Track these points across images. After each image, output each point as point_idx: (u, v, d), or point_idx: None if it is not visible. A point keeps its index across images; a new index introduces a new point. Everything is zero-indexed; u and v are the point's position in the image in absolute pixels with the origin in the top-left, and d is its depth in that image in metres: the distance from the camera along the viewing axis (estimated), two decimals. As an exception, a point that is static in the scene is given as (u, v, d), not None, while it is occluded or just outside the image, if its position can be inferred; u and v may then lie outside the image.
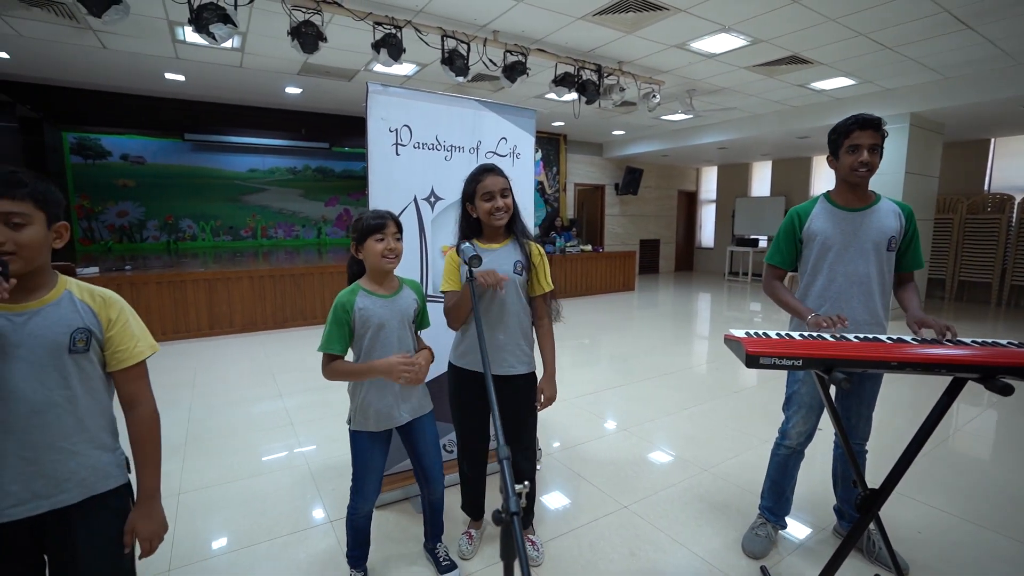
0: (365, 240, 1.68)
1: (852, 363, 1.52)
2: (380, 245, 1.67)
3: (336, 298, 1.70)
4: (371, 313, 1.69)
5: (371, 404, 1.73)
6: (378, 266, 1.69)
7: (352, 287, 1.74)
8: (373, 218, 1.69)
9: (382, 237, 1.67)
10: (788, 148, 9.94)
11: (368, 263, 1.71)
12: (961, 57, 5.28)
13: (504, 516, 0.88)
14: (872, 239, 1.92)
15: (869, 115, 1.89)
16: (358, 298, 1.69)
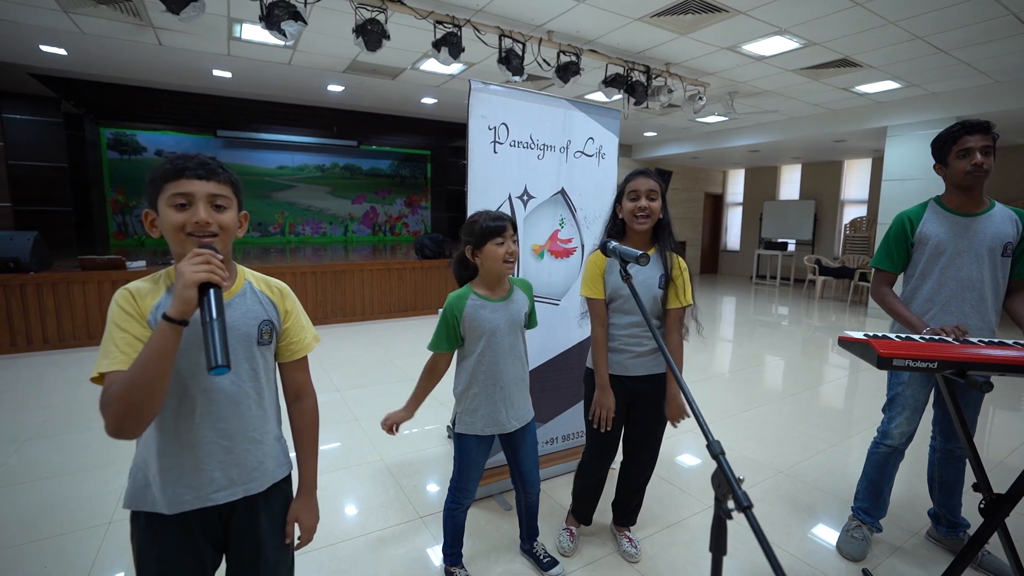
0: (485, 244, 1.65)
1: (987, 366, 1.51)
2: (501, 249, 1.64)
3: (447, 300, 1.70)
4: (482, 320, 1.68)
5: (479, 409, 1.73)
6: (498, 271, 1.67)
7: (463, 291, 1.71)
8: (491, 220, 1.65)
9: (502, 241, 1.65)
10: (821, 151, 9.86)
11: (486, 267, 1.68)
12: (1017, 60, 5.22)
13: (734, 511, 0.88)
14: (987, 244, 1.91)
15: (975, 119, 1.89)
16: (468, 304, 1.68)
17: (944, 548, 2.13)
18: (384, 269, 6.64)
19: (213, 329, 0.85)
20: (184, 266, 0.88)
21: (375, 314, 6.62)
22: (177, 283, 0.87)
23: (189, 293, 0.86)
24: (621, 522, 2.15)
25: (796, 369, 4.90)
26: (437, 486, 2.60)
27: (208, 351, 0.84)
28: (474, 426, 1.75)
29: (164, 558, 1.02)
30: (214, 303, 0.87)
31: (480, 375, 1.71)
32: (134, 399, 0.85)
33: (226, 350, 0.85)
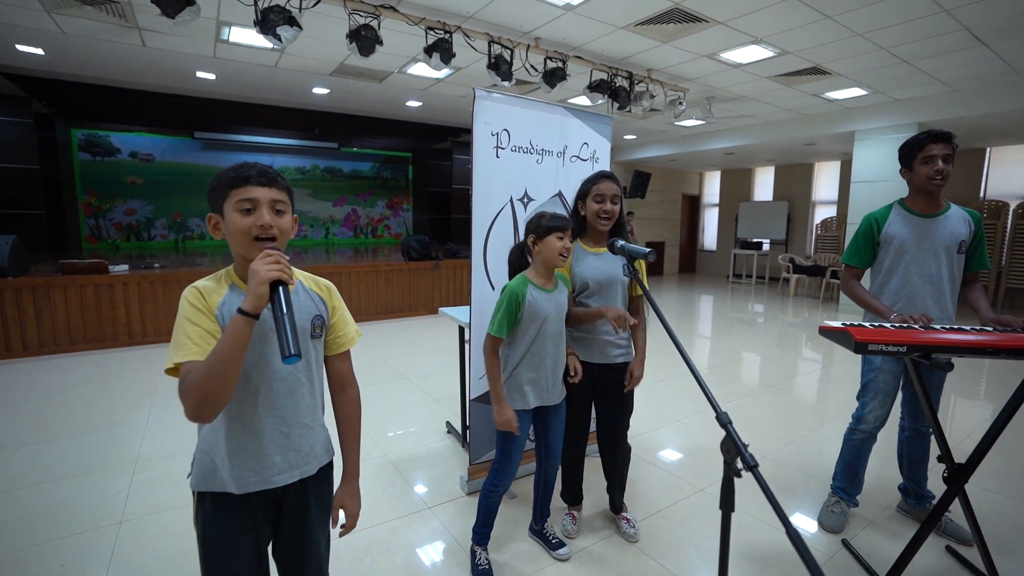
0: (548, 235, 1.80)
1: (950, 349, 1.69)
2: (560, 243, 1.81)
3: (508, 287, 1.84)
4: (540, 307, 1.83)
5: (527, 386, 1.87)
6: (553, 262, 1.83)
7: (521, 279, 1.86)
8: (556, 218, 1.83)
9: (562, 236, 1.81)
10: (793, 154, 10.25)
11: (544, 256, 1.84)
12: (972, 71, 5.57)
13: (743, 469, 1.01)
14: (945, 243, 2.11)
15: (940, 130, 2.08)
16: (529, 290, 1.83)
17: (913, 519, 2.33)
18: (371, 271, 6.68)
19: (285, 322, 0.95)
20: (258, 265, 0.97)
21: (364, 316, 6.66)
22: (251, 281, 0.96)
23: (263, 290, 0.95)
24: (614, 508, 2.29)
25: (773, 363, 5.13)
26: (442, 478, 2.70)
27: (282, 342, 0.93)
28: (521, 401, 1.87)
29: (229, 535, 1.11)
30: (284, 299, 0.97)
31: (531, 356, 1.86)
32: (212, 386, 0.94)
33: (297, 341, 0.95)
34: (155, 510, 2.36)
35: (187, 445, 3.02)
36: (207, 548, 1.11)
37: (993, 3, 3.91)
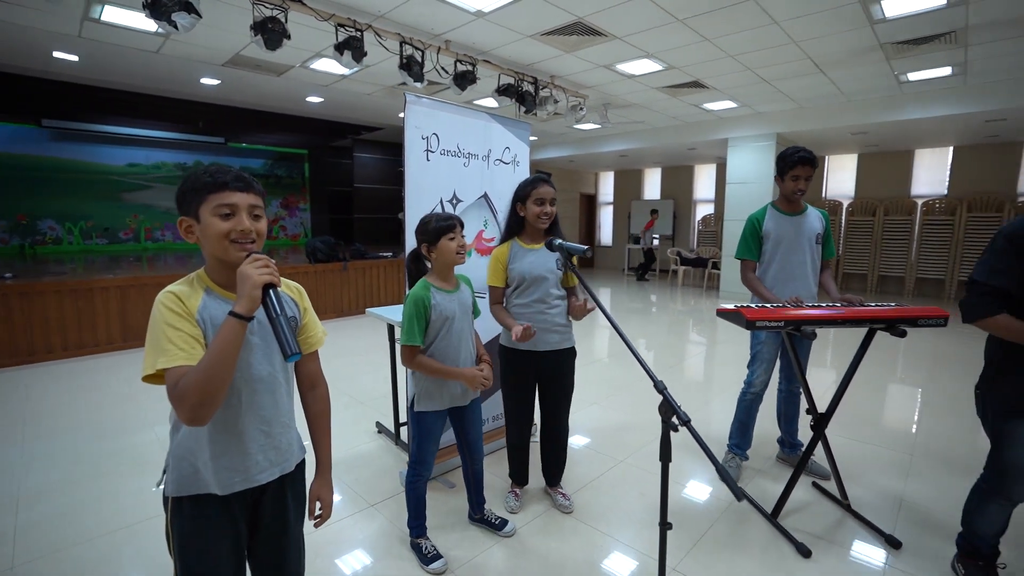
0: (439, 240, 1.87)
1: (815, 322, 2.11)
2: (453, 243, 1.89)
3: (410, 295, 1.89)
4: (444, 307, 1.90)
5: (440, 387, 1.95)
6: (452, 261, 1.91)
7: (423, 283, 1.91)
8: (442, 219, 1.89)
9: (453, 236, 1.89)
10: (677, 157, 11.32)
11: (442, 260, 1.91)
12: (813, 92, 6.61)
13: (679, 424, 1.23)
14: (807, 236, 2.58)
15: (809, 154, 2.51)
16: (432, 294, 1.89)
17: (788, 465, 2.81)
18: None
19: (282, 323, 0.99)
20: (248, 270, 1.00)
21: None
22: (243, 284, 0.99)
23: (256, 293, 0.99)
24: (552, 483, 2.50)
25: (666, 346, 5.72)
26: (380, 476, 2.73)
27: (283, 342, 0.98)
28: (435, 403, 1.96)
29: (208, 537, 1.12)
30: (276, 301, 1.01)
31: (442, 357, 1.92)
32: (210, 388, 0.96)
33: (295, 340, 1.00)
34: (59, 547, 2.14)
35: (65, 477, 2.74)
36: (185, 553, 1.11)
37: (828, 39, 4.71)
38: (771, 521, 2.30)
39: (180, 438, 1.11)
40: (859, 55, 5.16)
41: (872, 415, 3.62)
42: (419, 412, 1.97)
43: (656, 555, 2.08)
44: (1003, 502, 1.79)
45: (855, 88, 6.40)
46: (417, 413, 1.97)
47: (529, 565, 2.03)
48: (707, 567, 2.01)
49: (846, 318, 2.13)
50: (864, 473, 2.75)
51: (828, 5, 4.01)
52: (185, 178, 1.10)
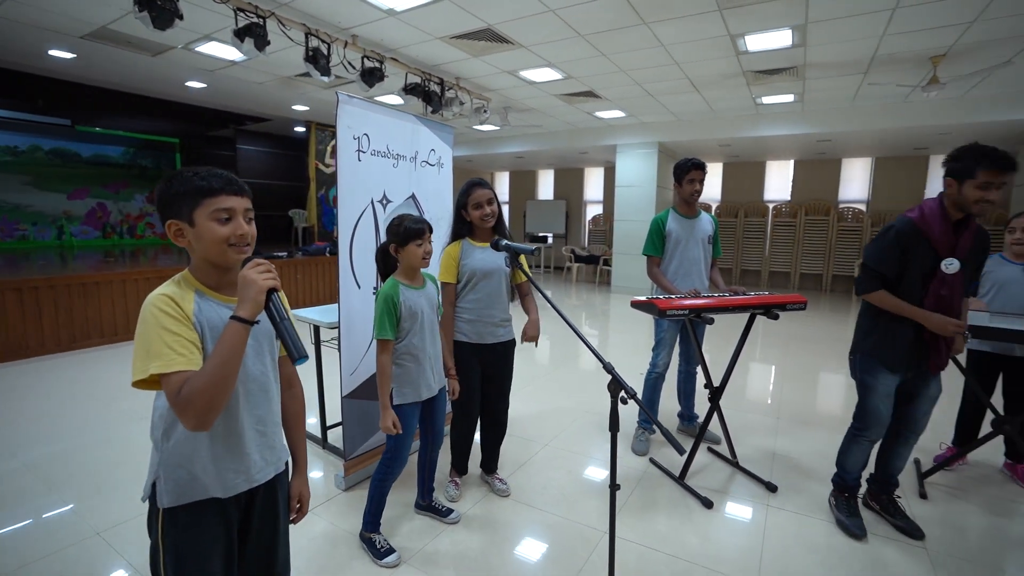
0: (407, 244, 1.95)
1: (712, 310, 2.49)
2: (420, 249, 1.97)
3: (381, 291, 1.95)
4: (414, 303, 1.99)
5: (414, 379, 2.02)
6: (417, 266, 2.00)
7: (392, 282, 1.98)
8: (414, 223, 1.97)
9: (421, 242, 1.97)
10: (569, 160, 11.99)
11: (407, 263, 1.98)
12: (689, 108, 7.46)
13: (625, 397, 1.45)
14: (701, 236, 3.00)
15: (700, 161, 2.93)
16: (401, 291, 1.97)
17: (689, 435, 3.24)
18: (156, 278, 5.70)
19: (287, 327, 1.03)
20: (252, 275, 1.01)
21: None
22: (248, 289, 1.00)
23: (261, 298, 1.01)
24: (489, 469, 2.65)
25: (564, 341, 6.13)
26: (314, 481, 2.67)
27: (290, 346, 1.01)
28: (411, 395, 2.02)
29: (203, 544, 1.10)
30: (279, 306, 1.04)
31: (412, 350, 2.00)
32: (218, 393, 0.97)
33: (300, 343, 1.03)
34: None
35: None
36: (182, 566, 1.09)
37: (704, 63, 5.38)
38: (678, 482, 2.66)
39: (173, 446, 1.08)
40: (727, 79, 5.95)
41: (745, 387, 4.26)
42: (396, 405, 2.01)
43: (591, 523, 2.34)
44: (865, 442, 2.28)
45: (723, 106, 7.34)
46: (394, 407, 2.01)
47: (478, 547, 2.16)
48: (631, 527, 2.29)
49: (735, 305, 2.55)
50: (746, 436, 3.26)
51: (706, 36, 4.60)
52: (169, 180, 1.07)
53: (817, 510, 2.43)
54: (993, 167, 1.88)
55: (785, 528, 2.31)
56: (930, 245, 2.03)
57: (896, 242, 2.06)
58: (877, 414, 2.21)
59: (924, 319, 2.04)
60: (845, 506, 2.34)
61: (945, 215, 2.03)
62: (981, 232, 2.07)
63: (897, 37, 4.55)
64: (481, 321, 2.34)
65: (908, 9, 3.97)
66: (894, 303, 2.09)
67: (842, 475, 2.39)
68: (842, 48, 4.87)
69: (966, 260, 2.03)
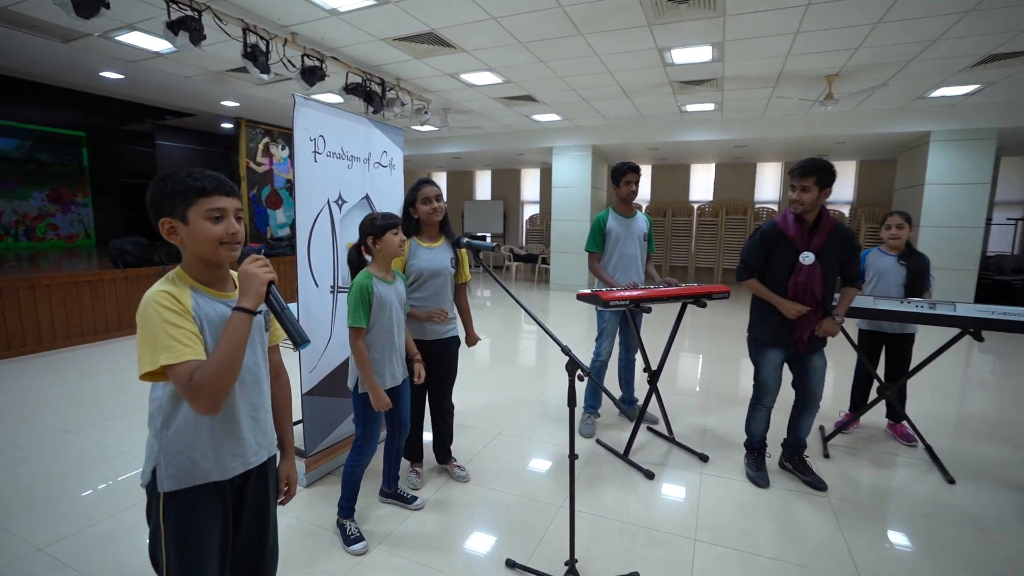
0: (385, 233, 2.06)
1: (650, 300, 2.76)
2: (396, 238, 2.09)
3: (356, 282, 2.04)
4: (385, 296, 2.09)
5: (382, 369, 2.12)
6: (394, 254, 2.11)
7: (365, 274, 2.07)
8: (387, 217, 2.09)
9: (396, 231, 2.09)
10: (506, 161, 12.22)
11: (385, 252, 2.09)
12: (621, 113, 7.90)
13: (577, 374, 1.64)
14: (637, 234, 3.28)
15: (635, 164, 3.20)
16: (374, 283, 2.06)
17: (628, 417, 3.52)
18: (71, 283, 5.29)
19: (288, 315, 1.12)
20: (253, 269, 1.10)
21: (63, 340, 5.22)
22: (250, 282, 1.09)
23: (263, 290, 1.10)
24: (444, 458, 2.77)
25: (509, 335, 6.34)
26: (271, 480, 2.68)
27: (293, 333, 1.12)
28: (381, 383, 2.10)
29: (202, 527, 1.17)
30: (279, 296, 1.13)
31: (381, 341, 2.09)
32: (228, 377, 1.06)
33: (302, 328, 1.13)
34: None
35: None
36: (183, 547, 1.15)
37: (635, 73, 5.76)
38: (623, 458, 2.92)
39: (173, 434, 1.14)
40: (655, 88, 6.39)
41: (678, 372, 4.65)
42: (364, 392, 2.08)
43: (546, 499, 2.54)
44: (763, 409, 2.67)
45: (651, 113, 7.84)
46: (362, 394, 2.08)
47: (444, 529, 2.29)
48: (583, 500, 2.51)
49: (669, 295, 2.84)
50: (680, 414, 3.59)
51: (636, 47, 4.96)
52: (161, 180, 1.13)
53: (741, 474, 2.77)
54: (791, 174, 2.44)
55: (716, 491, 2.61)
56: (790, 242, 2.46)
57: (761, 240, 2.52)
58: (767, 385, 2.63)
59: (778, 304, 2.48)
60: (753, 463, 2.75)
61: (800, 217, 2.47)
62: (838, 230, 2.49)
63: (799, 57, 5.12)
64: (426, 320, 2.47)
65: (807, 34, 4.51)
66: (758, 288, 2.56)
67: (749, 439, 2.78)
68: (754, 65, 5.41)
69: (822, 253, 2.45)
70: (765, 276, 2.55)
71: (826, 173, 2.38)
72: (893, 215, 3.14)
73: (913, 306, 2.75)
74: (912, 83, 5.97)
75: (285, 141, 9.14)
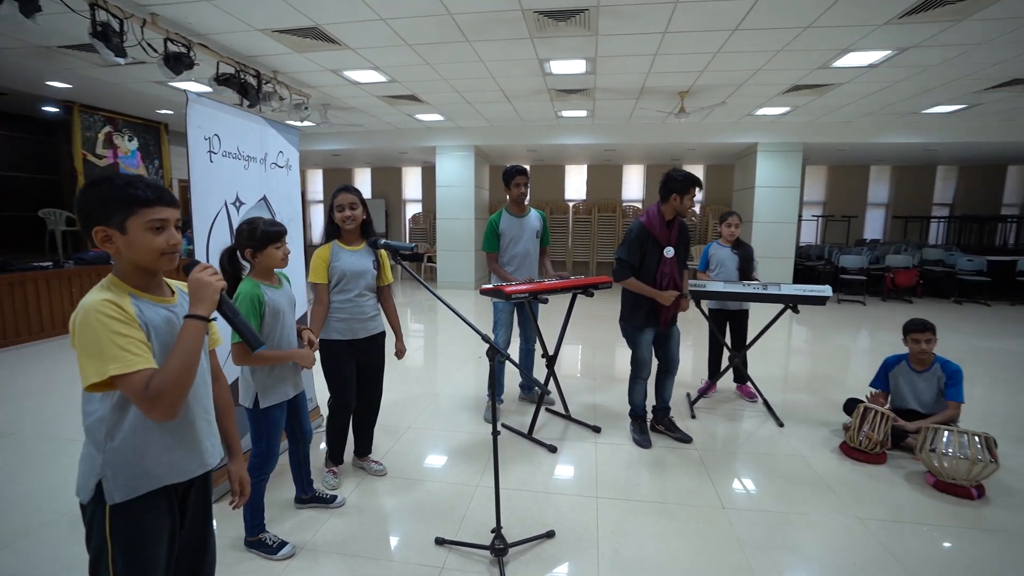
0: (266, 247, 2.00)
1: (546, 292, 3.07)
2: (279, 252, 2.05)
3: (243, 292, 1.96)
4: (277, 303, 2.05)
5: (280, 379, 2.09)
6: (276, 267, 2.07)
7: (251, 283, 2.00)
8: (269, 227, 2.02)
9: (279, 245, 2.04)
10: (387, 159, 12.03)
11: (265, 265, 2.03)
12: (502, 116, 8.27)
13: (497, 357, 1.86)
14: (529, 232, 3.56)
15: (523, 168, 3.49)
16: (263, 290, 2.00)
17: (529, 401, 3.83)
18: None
19: (242, 320, 1.18)
20: (205, 277, 1.13)
21: None
22: (203, 291, 1.13)
23: (216, 297, 1.14)
24: (363, 453, 2.82)
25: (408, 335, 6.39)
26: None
27: (248, 337, 1.17)
28: (278, 395, 2.09)
29: (152, 535, 1.16)
30: (232, 303, 1.18)
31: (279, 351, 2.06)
32: (186, 384, 1.08)
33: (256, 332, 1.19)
34: None
35: None
36: (131, 554, 1.14)
37: (516, 79, 6.11)
38: (527, 437, 3.20)
39: (119, 444, 1.12)
40: (535, 94, 6.82)
41: (568, 357, 5.09)
42: (266, 408, 2.05)
43: (464, 481, 2.72)
44: (641, 381, 3.14)
45: (531, 116, 8.31)
46: (263, 410, 2.05)
47: (371, 522, 2.36)
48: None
49: (562, 287, 3.17)
50: (573, 395, 3.98)
51: (519, 56, 5.29)
52: (96, 186, 1.10)
53: (628, 440, 3.20)
54: (696, 186, 2.93)
55: (609, 456, 3.01)
56: (655, 239, 2.95)
57: (636, 240, 2.98)
58: (644, 361, 3.10)
59: (656, 295, 2.96)
60: (637, 429, 3.21)
61: (662, 217, 2.97)
62: (684, 225, 3.07)
63: (657, 75, 5.86)
64: (353, 319, 2.51)
65: (664, 56, 5.20)
66: (639, 287, 2.98)
67: (633, 408, 3.23)
68: (621, 79, 6.06)
69: (677, 246, 3.00)
70: (640, 271, 2.99)
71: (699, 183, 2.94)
72: (732, 215, 3.82)
73: (752, 288, 3.40)
74: (743, 102, 7.12)
75: (132, 132, 8.08)
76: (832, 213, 12.16)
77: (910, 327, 3.07)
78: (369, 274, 2.53)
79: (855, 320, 7.43)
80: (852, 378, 4.57)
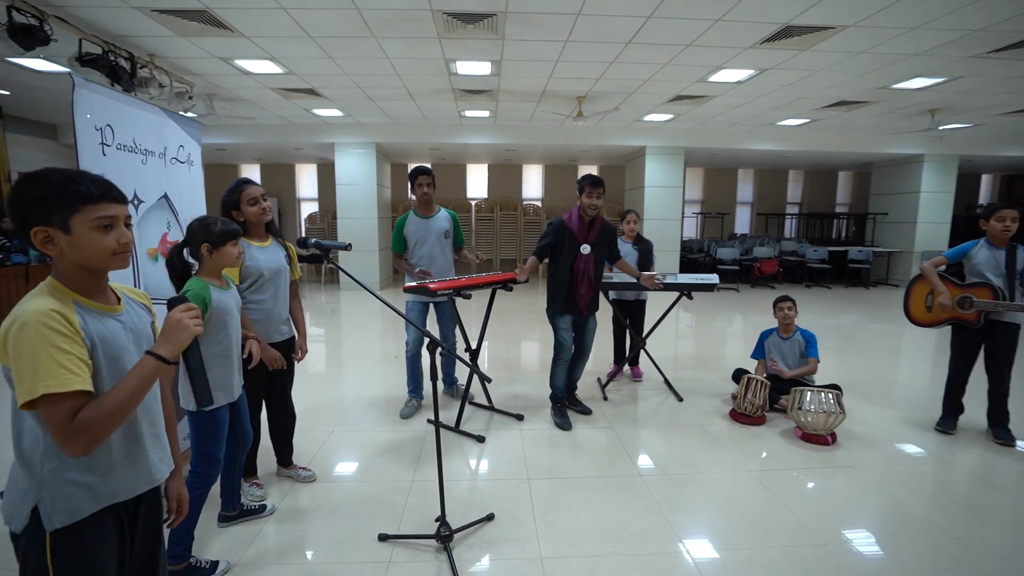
0: (224, 243, 1.93)
1: (468, 287, 3.17)
2: (235, 249, 1.98)
3: (192, 292, 1.86)
4: (225, 305, 1.96)
5: (225, 380, 2.00)
6: (230, 265, 1.99)
7: (201, 283, 1.90)
8: (227, 224, 1.96)
9: (236, 242, 1.98)
10: (279, 155, 11.31)
11: (219, 262, 1.95)
12: (405, 114, 8.18)
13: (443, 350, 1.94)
14: (437, 232, 3.59)
15: (427, 167, 3.56)
16: (212, 292, 1.91)
17: (454, 396, 3.90)
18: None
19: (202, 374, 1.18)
20: (184, 319, 1.07)
21: None
22: (176, 331, 1.06)
23: (187, 342, 1.09)
24: (287, 463, 2.73)
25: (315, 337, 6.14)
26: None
27: (199, 393, 1.18)
28: (223, 398, 1.99)
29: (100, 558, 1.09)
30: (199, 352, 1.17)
31: (224, 353, 1.97)
32: (117, 423, 1.01)
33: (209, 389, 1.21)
34: None
35: None
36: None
37: (421, 77, 6.11)
38: (455, 431, 3.29)
39: (59, 466, 1.04)
40: (439, 93, 6.85)
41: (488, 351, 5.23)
42: (212, 409, 1.95)
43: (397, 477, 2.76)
44: (562, 363, 3.38)
45: (434, 115, 8.30)
46: (209, 412, 1.94)
47: (308, 529, 2.31)
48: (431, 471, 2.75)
49: (483, 283, 3.30)
50: (495, 387, 4.12)
51: (426, 56, 5.30)
52: (32, 182, 1.01)
53: (550, 423, 3.42)
54: (591, 184, 3.23)
55: (534, 440, 3.19)
56: (573, 235, 3.23)
57: (551, 232, 3.29)
58: (564, 344, 3.36)
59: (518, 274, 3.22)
60: (558, 412, 3.45)
61: (581, 217, 3.27)
62: (606, 225, 3.36)
63: (558, 80, 6.20)
64: (269, 320, 2.42)
65: (564, 63, 5.52)
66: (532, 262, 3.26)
67: (554, 391, 3.48)
68: (523, 82, 6.31)
69: (597, 244, 3.29)
70: (556, 262, 3.23)
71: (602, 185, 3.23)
72: (630, 212, 4.20)
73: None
74: (634, 109, 7.74)
75: (-44, 115, 6.80)
76: (709, 211, 13.62)
77: (777, 301, 3.74)
78: (285, 271, 2.46)
79: (732, 305, 8.42)
80: (734, 353, 5.24)
